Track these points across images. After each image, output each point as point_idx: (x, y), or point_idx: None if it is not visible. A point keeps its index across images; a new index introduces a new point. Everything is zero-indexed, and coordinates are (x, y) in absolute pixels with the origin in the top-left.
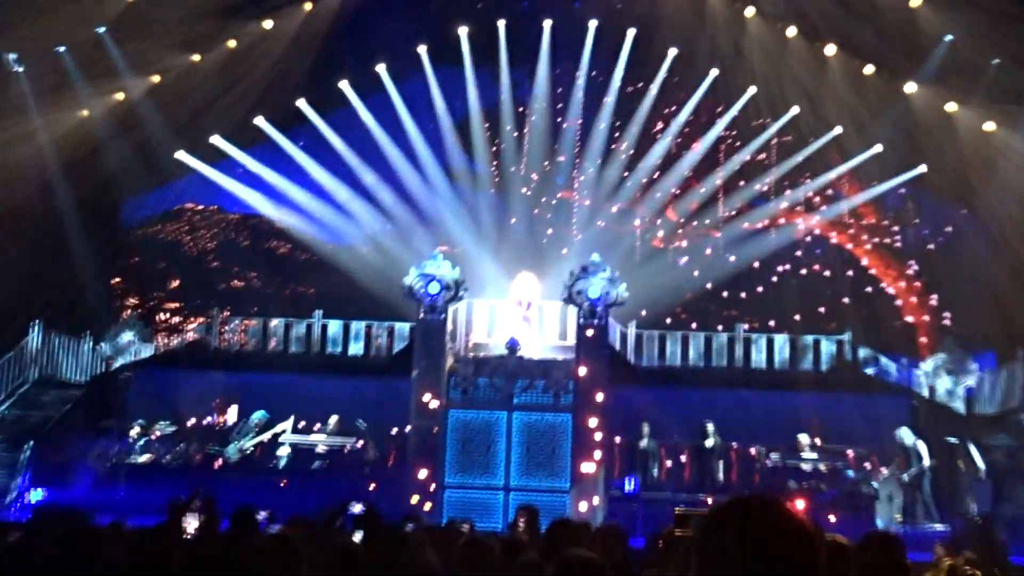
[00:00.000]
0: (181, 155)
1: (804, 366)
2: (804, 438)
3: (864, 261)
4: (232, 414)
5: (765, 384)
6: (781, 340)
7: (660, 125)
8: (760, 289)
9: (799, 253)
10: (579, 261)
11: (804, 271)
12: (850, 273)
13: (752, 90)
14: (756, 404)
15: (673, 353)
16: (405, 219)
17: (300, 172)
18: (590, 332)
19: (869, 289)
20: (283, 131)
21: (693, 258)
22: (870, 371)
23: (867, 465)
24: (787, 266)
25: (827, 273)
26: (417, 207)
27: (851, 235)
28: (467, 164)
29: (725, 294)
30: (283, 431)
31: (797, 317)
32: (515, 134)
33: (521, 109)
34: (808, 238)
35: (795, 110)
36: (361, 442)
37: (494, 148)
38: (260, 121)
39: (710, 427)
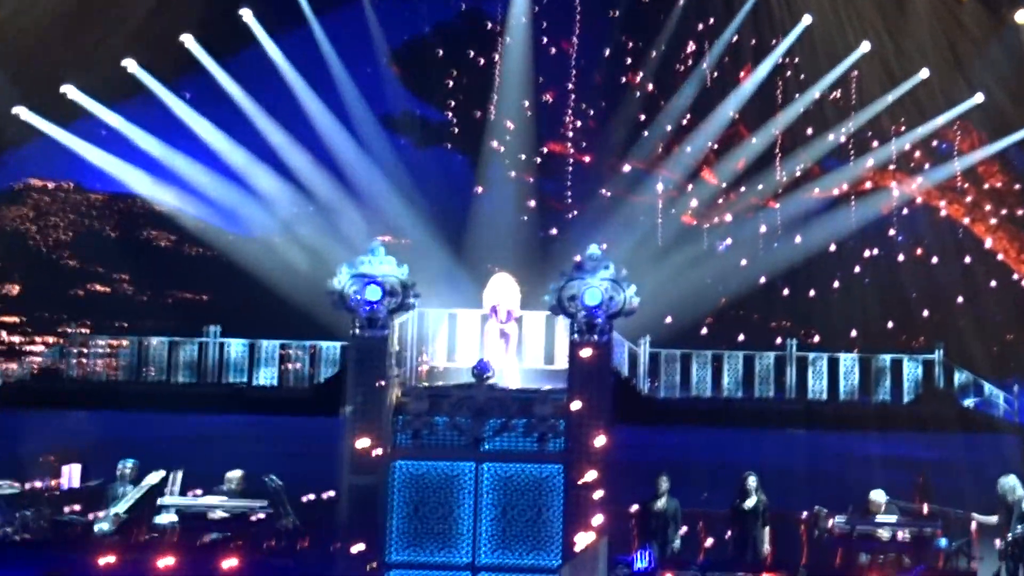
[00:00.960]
0: (22, 113)
1: (880, 396)
2: (879, 495)
3: (988, 243)
4: (73, 475)
5: (827, 422)
6: (849, 361)
7: (692, 48)
8: (837, 284)
9: (892, 231)
10: (574, 252)
11: (902, 257)
12: (968, 260)
13: (807, 20)
14: (814, 449)
15: (702, 380)
16: (332, 198)
17: (187, 136)
18: (587, 352)
19: (994, 283)
20: (164, 80)
21: (741, 241)
22: (969, 403)
23: (967, 530)
24: (874, 250)
25: (935, 260)
26: (348, 180)
27: (967, 205)
28: (414, 110)
29: (786, 291)
30: (164, 490)
31: (852, 331)
32: (481, 62)
33: (491, 27)
34: (905, 210)
35: (865, 47)
36: (272, 506)
37: (450, 83)
38: (131, 66)
39: (752, 481)
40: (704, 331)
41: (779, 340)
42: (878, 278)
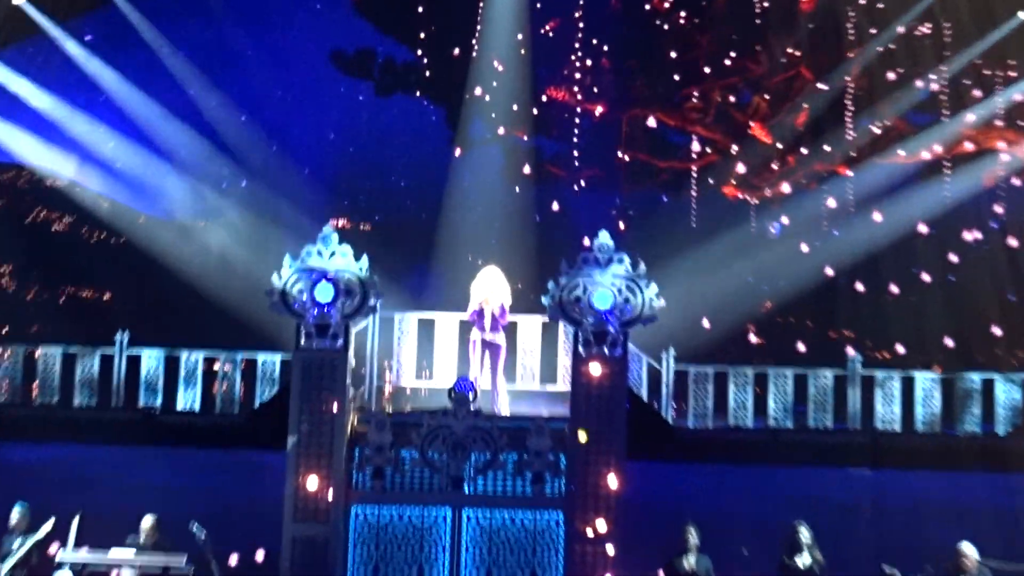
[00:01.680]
0: None
1: (968, 427)
2: (970, 551)
3: None
4: None
5: (899, 458)
6: (928, 382)
7: None
8: (927, 278)
9: (999, 209)
10: (580, 238)
11: (1015, 242)
12: None
13: None
14: (883, 493)
15: (741, 405)
16: (271, 168)
17: (88, 89)
18: (596, 369)
19: None
20: (58, 18)
21: (800, 220)
22: None
23: None
24: (974, 233)
25: None
26: (290, 145)
27: None
28: (373, 47)
29: (858, 288)
30: (59, 542)
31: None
32: None
33: None
34: (1016, 180)
35: None
36: (195, 562)
37: (420, 9)
38: None
39: (804, 534)
40: (747, 342)
41: (826, 355)
42: (976, 271)
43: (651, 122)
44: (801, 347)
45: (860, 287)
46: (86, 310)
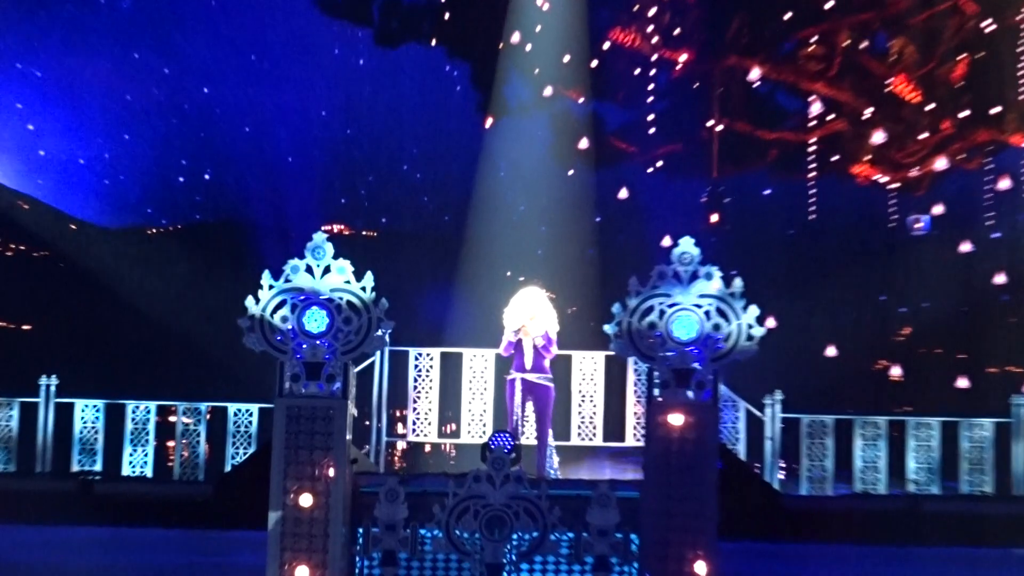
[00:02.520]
0: None
1: None
2: None
3: None
4: None
5: None
6: None
7: None
8: None
9: None
10: (655, 244)
11: None
12: None
13: None
14: None
15: (870, 465)
16: (241, 153)
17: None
18: (677, 420)
19: None
20: None
21: (957, 212)
22: None
23: None
24: None
25: None
26: (269, 125)
27: None
28: None
29: None
30: None
31: None
32: None
33: None
34: None
35: None
36: None
37: None
38: None
39: None
40: (878, 382)
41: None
42: None
43: (753, 76)
44: (957, 385)
45: None
46: None
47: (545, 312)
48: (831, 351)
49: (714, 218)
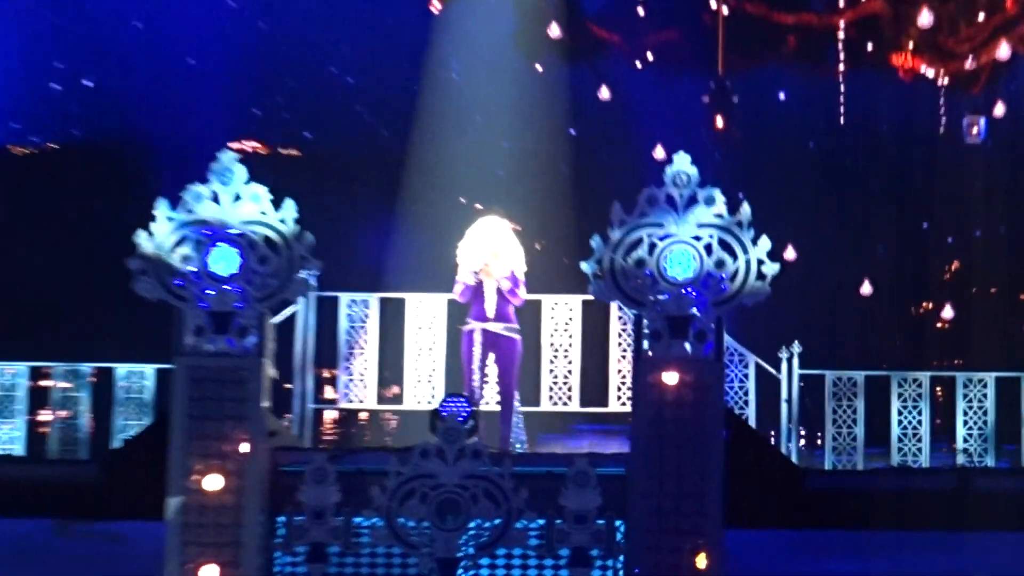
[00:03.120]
0: None
1: None
2: None
3: None
4: None
5: None
6: None
7: None
8: None
9: None
10: (642, 163)
11: None
12: None
13: None
14: None
15: (910, 432)
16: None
17: None
18: (672, 379)
19: None
20: None
21: None
22: None
23: None
24: None
25: None
26: (162, 20)
27: None
28: None
29: None
30: None
31: None
32: None
33: None
34: None
35: None
36: None
37: None
38: None
39: None
40: (920, 329)
41: None
42: None
43: None
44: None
45: None
46: None
47: (510, 247)
48: (865, 289)
49: (719, 124)
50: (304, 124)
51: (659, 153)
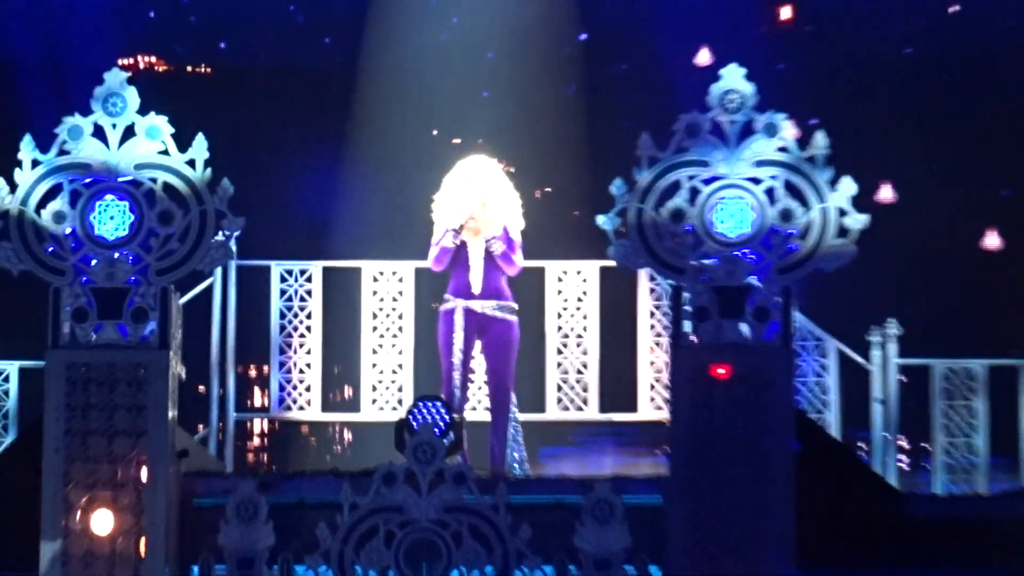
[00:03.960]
0: None
1: None
2: None
3: None
4: None
5: None
6: None
7: None
8: None
9: None
10: (682, 82)
11: None
12: None
13: None
14: None
15: None
16: None
17: None
18: (722, 372)
19: None
20: None
21: None
22: None
23: None
24: None
25: None
26: None
27: None
28: None
29: None
30: None
31: None
32: None
33: None
34: None
35: None
36: None
37: None
38: None
39: None
40: None
41: None
42: None
43: None
44: None
45: None
46: None
47: (502, 196)
48: (990, 242)
49: (785, 14)
50: (218, 31)
51: (702, 60)
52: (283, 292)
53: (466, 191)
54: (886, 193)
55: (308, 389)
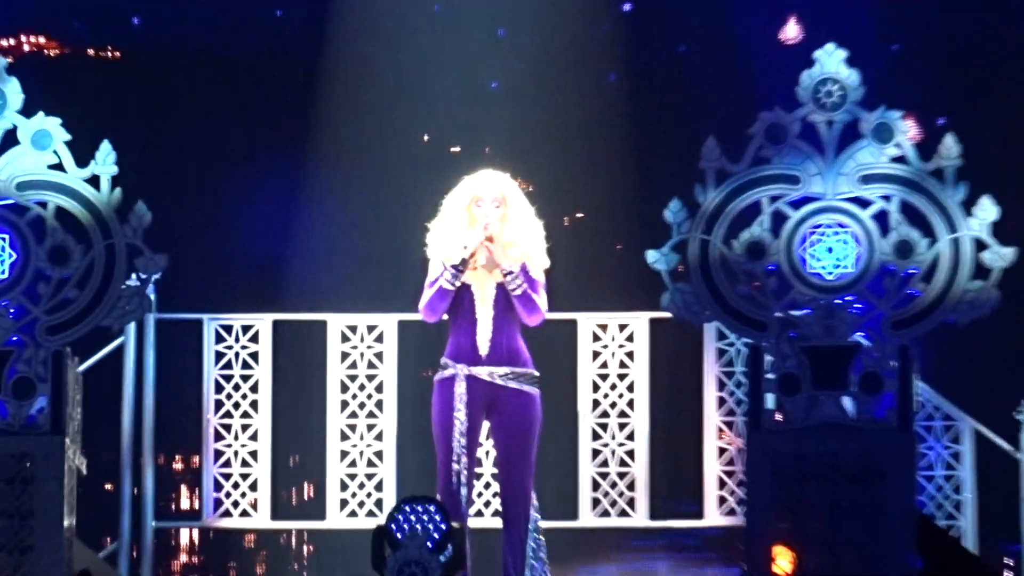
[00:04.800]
0: None
1: None
2: None
3: None
4: None
5: None
6: None
7: None
8: None
9: None
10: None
11: None
12: None
13: None
14: None
15: None
16: None
17: None
18: (820, 462)
19: None
20: None
21: None
22: None
23: None
24: None
25: None
26: None
27: None
28: None
29: None
30: None
31: None
32: None
33: None
34: None
35: None
36: None
37: None
38: None
39: None
40: None
41: None
42: None
43: None
44: None
45: None
46: None
47: (520, 224)
48: None
49: None
50: (126, 4)
51: (790, 35)
52: (220, 356)
53: (472, 217)
54: None
55: (254, 487)
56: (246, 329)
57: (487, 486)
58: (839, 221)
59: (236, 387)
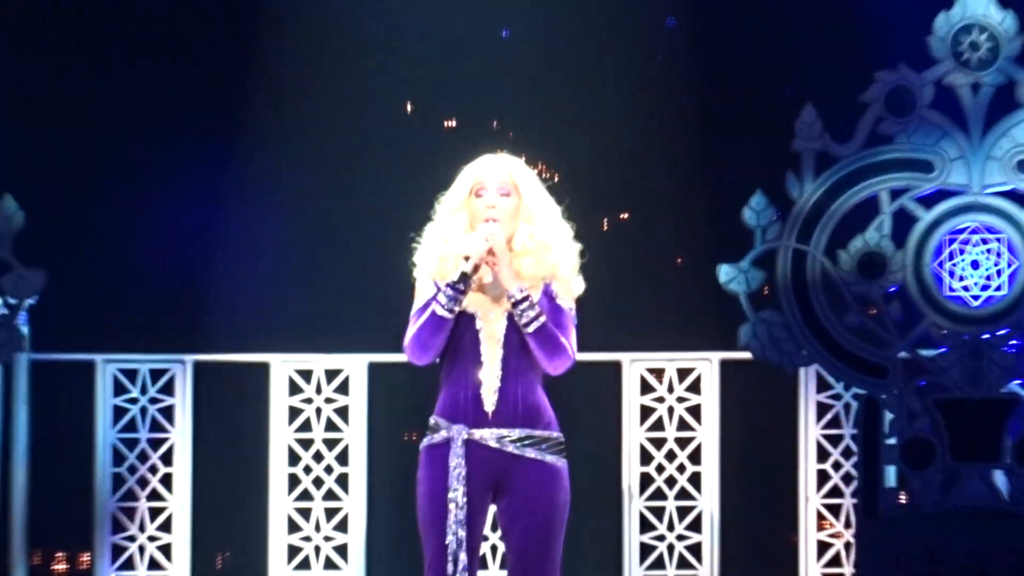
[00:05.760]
0: None
1: None
2: None
3: None
4: None
5: None
6: None
7: None
8: None
9: None
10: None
11: None
12: None
13: None
14: None
15: None
16: None
17: None
18: (963, 558)
19: None
20: None
21: None
22: None
23: None
24: None
25: None
26: None
27: None
28: None
29: None
30: None
31: None
32: None
33: None
34: None
35: None
36: None
37: None
38: None
39: None
40: None
41: None
42: None
43: None
44: None
45: None
46: None
47: (541, 226)
48: None
49: None
50: None
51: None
52: (120, 412)
53: (473, 214)
54: None
55: None
56: (156, 375)
57: None
58: (989, 225)
59: (142, 456)
